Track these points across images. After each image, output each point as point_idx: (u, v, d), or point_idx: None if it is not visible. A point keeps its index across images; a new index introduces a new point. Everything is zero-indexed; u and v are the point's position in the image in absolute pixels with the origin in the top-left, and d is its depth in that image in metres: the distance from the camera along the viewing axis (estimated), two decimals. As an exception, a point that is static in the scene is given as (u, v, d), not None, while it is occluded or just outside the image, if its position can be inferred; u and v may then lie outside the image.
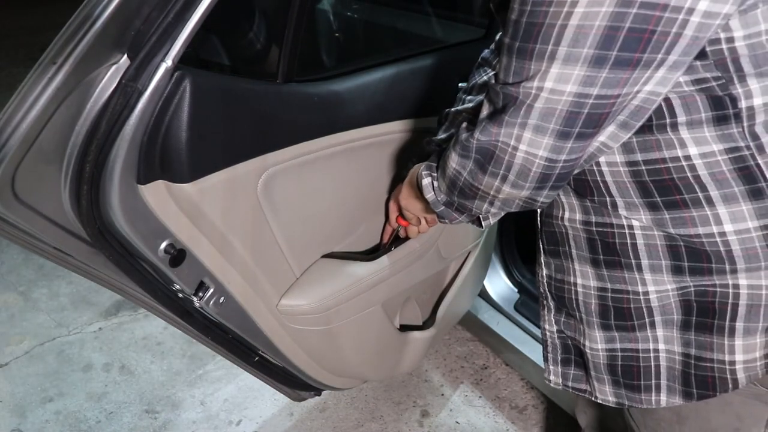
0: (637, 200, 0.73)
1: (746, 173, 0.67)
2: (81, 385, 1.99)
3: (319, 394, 1.60)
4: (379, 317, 1.42)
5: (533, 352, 1.74)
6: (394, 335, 1.51)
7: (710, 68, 0.64)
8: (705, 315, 0.75)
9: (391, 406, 1.91)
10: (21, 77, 0.77)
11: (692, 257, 0.72)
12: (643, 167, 0.71)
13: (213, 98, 0.93)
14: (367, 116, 1.20)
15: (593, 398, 0.88)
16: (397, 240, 1.31)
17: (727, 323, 0.73)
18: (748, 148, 0.67)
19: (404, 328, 1.55)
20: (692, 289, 0.74)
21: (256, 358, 1.31)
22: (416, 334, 1.57)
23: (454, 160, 0.75)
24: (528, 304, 1.81)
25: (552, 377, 0.94)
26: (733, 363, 0.74)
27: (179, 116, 0.87)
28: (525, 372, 1.89)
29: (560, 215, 0.83)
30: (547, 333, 0.93)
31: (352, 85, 1.17)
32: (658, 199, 0.71)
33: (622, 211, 0.75)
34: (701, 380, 0.77)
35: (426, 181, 0.88)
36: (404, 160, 1.29)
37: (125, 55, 0.82)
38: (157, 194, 0.91)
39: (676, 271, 0.74)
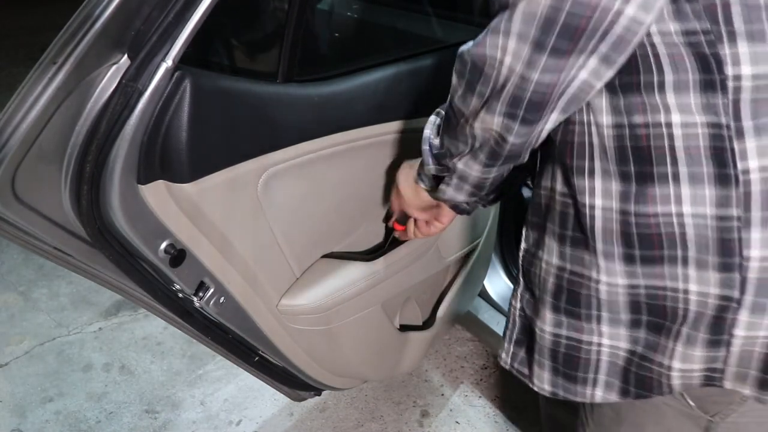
0: (611, 167, 0.72)
1: (719, 154, 0.67)
2: (81, 385, 1.99)
3: (319, 394, 1.60)
4: (379, 317, 1.42)
5: (533, 352, 1.74)
6: (394, 335, 1.51)
7: (699, 14, 0.64)
8: (656, 316, 0.74)
9: (391, 406, 1.91)
10: (21, 77, 0.77)
11: (644, 244, 0.71)
12: (627, 131, 0.70)
13: (213, 98, 0.93)
14: (367, 116, 1.20)
15: (531, 384, 0.87)
16: (396, 240, 1.31)
17: (675, 327, 0.73)
18: (728, 128, 0.66)
19: (404, 328, 1.55)
20: (643, 291, 0.74)
21: (256, 358, 1.31)
22: (416, 334, 1.57)
23: (453, 80, 0.76)
24: (528, 304, 1.81)
25: (503, 355, 0.92)
26: (670, 368, 0.74)
27: (179, 116, 0.87)
28: (525, 372, 1.89)
29: (547, 185, 0.83)
30: (512, 309, 0.92)
31: (352, 85, 1.17)
32: (632, 168, 0.71)
33: (597, 182, 0.74)
34: (640, 379, 0.77)
35: (432, 117, 0.89)
36: (404, 160, 1.29)
37: (125, 55, 0.82)
38: (157, 194, 0.91)
39: (628, 260, 0.73)
